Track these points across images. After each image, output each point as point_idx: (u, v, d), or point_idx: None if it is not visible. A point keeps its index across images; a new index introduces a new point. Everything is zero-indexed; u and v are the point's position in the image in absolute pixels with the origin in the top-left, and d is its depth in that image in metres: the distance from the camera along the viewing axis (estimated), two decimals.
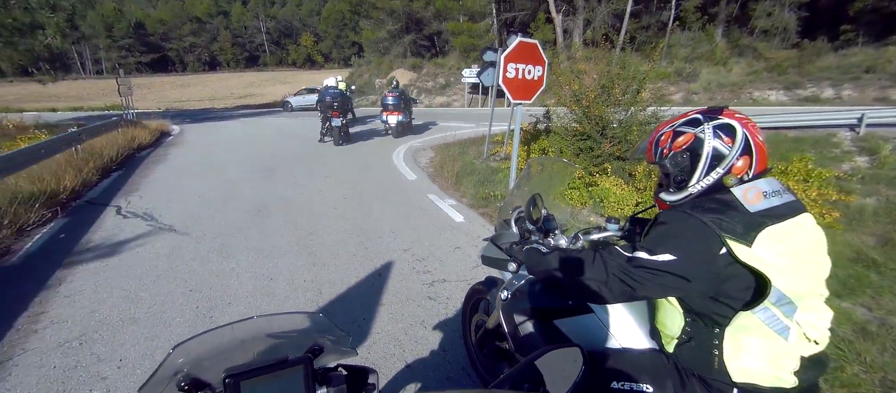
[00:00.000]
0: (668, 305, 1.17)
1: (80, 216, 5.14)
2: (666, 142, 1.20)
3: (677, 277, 1.02)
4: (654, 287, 1.06)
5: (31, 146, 6.67)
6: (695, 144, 1.14)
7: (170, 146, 10.64)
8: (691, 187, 1.16)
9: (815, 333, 1.03)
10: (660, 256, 1.04)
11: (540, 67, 5.63)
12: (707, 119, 1.15)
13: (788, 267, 0.99)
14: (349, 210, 5.26)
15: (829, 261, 1.07)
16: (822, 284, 1.05)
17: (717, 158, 1.11)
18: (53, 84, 14.70)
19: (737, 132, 1.10)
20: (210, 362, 0.83)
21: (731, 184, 1.09)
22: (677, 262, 1.02)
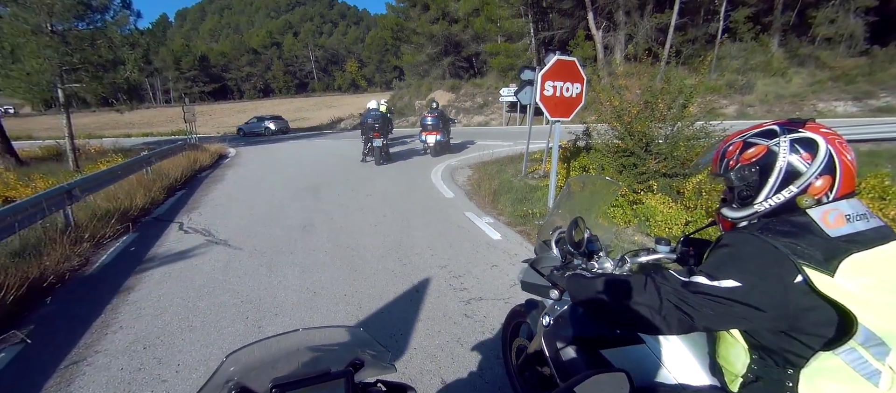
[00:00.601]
0: (731, 339, 1.04)
1: (148, 231, 5.63)
2: (733, 153, 1.10)
3: (743, 306, 0.91)
4: (715, 317, 0.94)
5: (109, 168, 7.44)
6: (766, 158, 1.03)
7: (227, 167, 11.45)
8: (757, 204, 1.05)
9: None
10: (722, 281, 0.93)
11: (578, 85, 5.58)
12: (784, 131, 1.03)
13: (879, 301, 0.85)
14: (388, 227, 5.39)
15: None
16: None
17: (792, 175, 0.99)
18: (129, 112, 16.34)
19: (819, 148, 0.97)
20: (257, 372, 0.87)
21: (806, 205, 0.97)
22: (742, 289, 0.91)
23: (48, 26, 11.81)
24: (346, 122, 30.97)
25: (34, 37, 11.17)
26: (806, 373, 0.92)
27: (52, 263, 4.06)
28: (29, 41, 11.20)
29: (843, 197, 0.98)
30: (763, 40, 22.73)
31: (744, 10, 22.13)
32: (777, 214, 1.03)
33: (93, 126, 34.98)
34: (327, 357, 0.93)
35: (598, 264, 1.59)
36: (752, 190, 1.06)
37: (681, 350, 1.25)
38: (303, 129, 28.37)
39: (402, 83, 37.51)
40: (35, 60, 11.55)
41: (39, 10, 11.44)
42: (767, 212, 1.04)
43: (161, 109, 56.46)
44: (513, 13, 25.06)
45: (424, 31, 29.62)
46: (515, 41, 25.81)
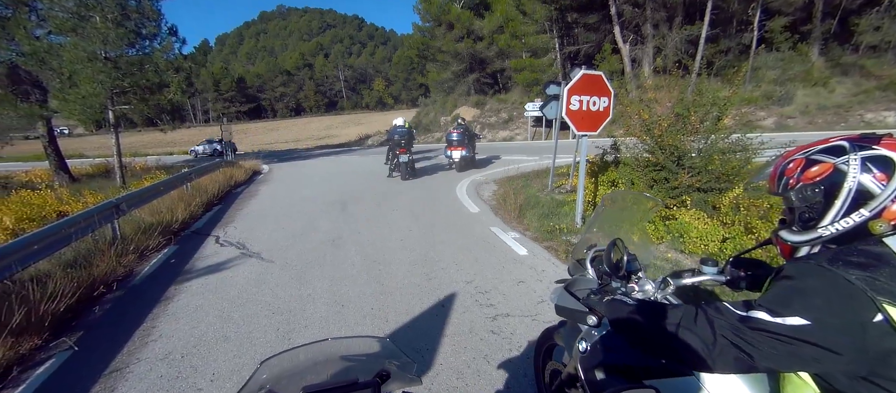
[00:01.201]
0: (799, 381, 0.92)
1: (188, 244, 5.90)
2: (794, 171, 1.00)
3: (813, 346, 0.81)
4: (779, 358, 0.84)
5: (153, 184, 7.88)
6: (833, 177, 0.93)
7: (260, 183, 11.90)
8: (821, 229, 0.95)
9: None
10: (788, 318, 0.83)
11: (606, 98, 5.52)
12: (855, 148, 0.93)
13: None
14: (414, 242, 5.43)
15: None
16: None
17: (864, 197, 0.90)
18: (171, 132, 17.34)
19: (878, 169, 0.89)
20: (288, 380, 0.89)
21: (880, 231, 0.87)
22: (811, 328, 0.81)
23: (103, 53, 12.77)
24: (373, 138, 31.65)
25: (90, 63, 12.09)
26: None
27: (100, 274, 4.31)
28: (85, 67, 12.13)
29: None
30: (802, 49, 21.80)
31: (780, 19, 21.37)
32: (845, 241, 0.93)
33: (138, 144, 37.27)
34: (355, 367, 0.96)
35: (637, 287, 1.50)
36: (816, 213, 0.97)
37: (738, 388, 1.12)
38: (332, 146, 29.19)
39: (427, 100, 38.13)
40: (90, 85, 12.47)
41: (95, 39, 12.39)
42: (833, 238, 0.95)
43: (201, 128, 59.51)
44: (537, 29, 25.16)
45: (449, 49, 30.13)
46: (540, 56, 25.84)
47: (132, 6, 12.96)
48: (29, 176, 17.21)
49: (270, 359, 0.92)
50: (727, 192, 6.46)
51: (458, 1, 31.18)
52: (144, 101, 14.16)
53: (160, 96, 14.30)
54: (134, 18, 13.60)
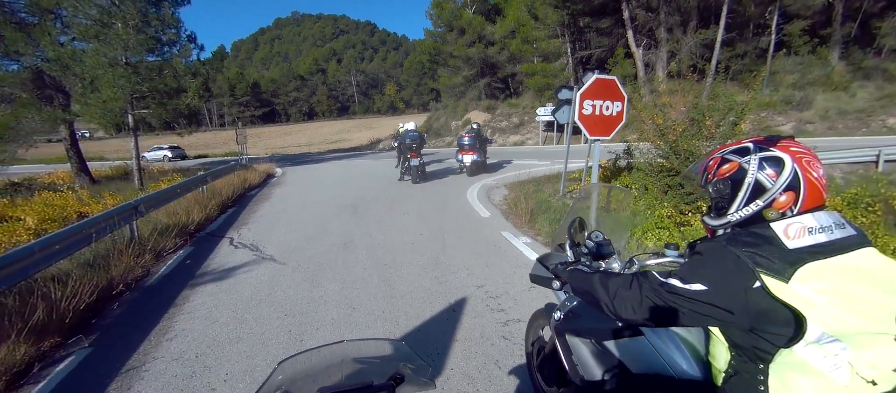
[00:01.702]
0: (715, 338, 1.16)
1: (203, 245, 5.99)
2: (713, 167, 1.20)
3: (710, 306, 1.03)
4: (688, 315, 1.07)
5: (170, 186, 8.04)
6: (738, 174, 1.13)
7: (274, 186, 12.06)
8: (730, 215, 1.15)
9: (874, 374, 0.93)
10: (692, 284, 1.05)
11: (619, 103, 5.47)
12: (757, 149, 1.12)
13: (833, 304, 0.94)
14: (425, 245, 5.43)
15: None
16: (881, 320, 0.94)
17: (759, 191, 1.09)
18: (188, 135, 17.70)
19: (785, 166, 1.07)
20: (303, 381, 0.91)
21: (771, 217, 1.07)
22: (708, 292, 1.03)
23: (123, 59, 13.13)
24: (384, 142, 31.85)
25: (111, 68, 12.43)
26: (774, 367, 1.01)
27: (118, 274, 4.41)
28: (107, 72, 12.47)
29: (808, 211, 1.05)
30: (821, 53, 21.34)
31: (799, 23, 20.96)
32: (746, 225, 1.11)
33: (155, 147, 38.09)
34: (370, 369, 0.96)
35: (605, 265, 1.69)
36: (726, 202, 1.16)
37: (677, 345, 1.34)
38: (343, 150, 29.45)
39: (438, 105, 38.27)
40: (111, 89, 12.81)
41: (117, 45, 12.74)
42: (739, 222, 1.14)
43: (216, 132, 60.66)
44: (549, 34, 25.11)
45: (461, 54, 30.23)
46: (552, 61, 25.76)
47: (153, 13, 13.29)
48: (51, 178, 17.73)
49: (287, 360, 0.94)
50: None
51: (470, 6, 31.30)
52: (163, 106, 14.48)
53: (178, 101, 14.60)
54: (154, 25, 13.95)
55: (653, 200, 6.78)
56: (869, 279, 0.97)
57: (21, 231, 7.62)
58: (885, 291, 0.96)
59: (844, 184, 9.16)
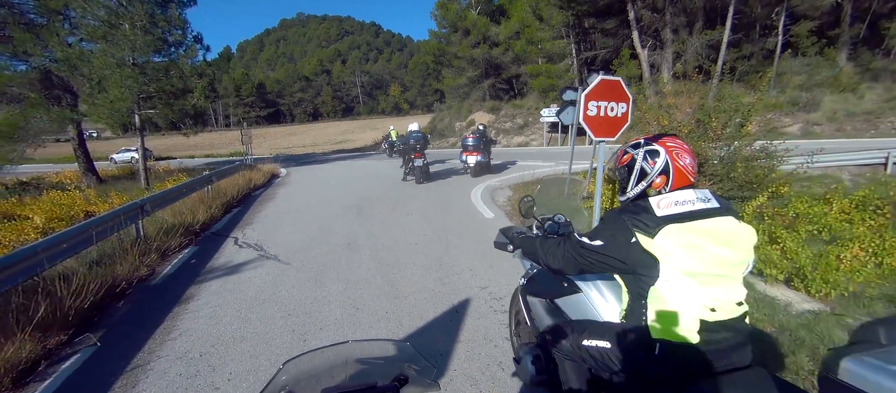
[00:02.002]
0: (621, 287, 1.50)
1: (208, 245, 6.02)
2: (619, 157, 1.59)
3: (607, 256, 1.40)
4: (595, 264, 1.44)
5: (176, 186, 8.09)
6: (631, 163, 1.52)
7: (278, 186, 12.11)
8: (628, 193, 1.54)
9: (715, 304, 1.31)
10: (595, 241, 1.42)
11: (624, 104, 5.43)
12: (644, 144, 1.50)
13: (686, 254, 1.29)
14: (428, 246, 5.42)
15: (744, 251, 1.38)
16: (725, 267, 1.34)
17: (643, 175, 1.49)
18: (193, 136, 17.81)
19: (660, 157, 1.44)
20: (307, 381, 0.90)
21: (651, 194, 1.44)
22: (604, 246, 1.40)
23: (131, 60, 13.24)
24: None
25: (118, 69, 12.54)
26: (649, 301, 1.36)
27: (123, 272, 4.44)
28: (114, 73, 12.58)
29: (677, 189, 1.42)
30: (829, 54, 21.13)
31: (807, 24, 20.76)
32: (638, 199, 1.46)
33: (161, 148, 38.35)
34: (374, 370, 0.96)
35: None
36: (625, 183, 1.56)
37: (603, 297, 1.78)
38: (348, 151, 29.53)
39: (442, 105, 38.29)
40: (118, 90, 12.91)
41: (124, 46, 12.86)
42: (633, 198, 1.52)
43: (222, 133, 61.02)
44: (554, 35, 25.04)
45: (465, 54, 30.23)
46: (556, 62, 25.69)
47: (160, 14, 13.39)
48: (59, 177, 17.90)
49: (292, 360, 0.94)
50: (750, 200, 6.28)
51: (475, 7, 31.31)
52: (169, 106, 14.58)
53: (184, 101, 14.70)
54: (161, 26, 14.05)
55: None
56: (717, 238, 1.32)
57: (29, 230, 7.70)
58: (729, 247, 1.33)
59: (852, 186, 9.06)
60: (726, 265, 1.33)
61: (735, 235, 1.36)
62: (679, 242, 1.29)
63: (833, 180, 8.74)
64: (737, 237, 1.36)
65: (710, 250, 1.30)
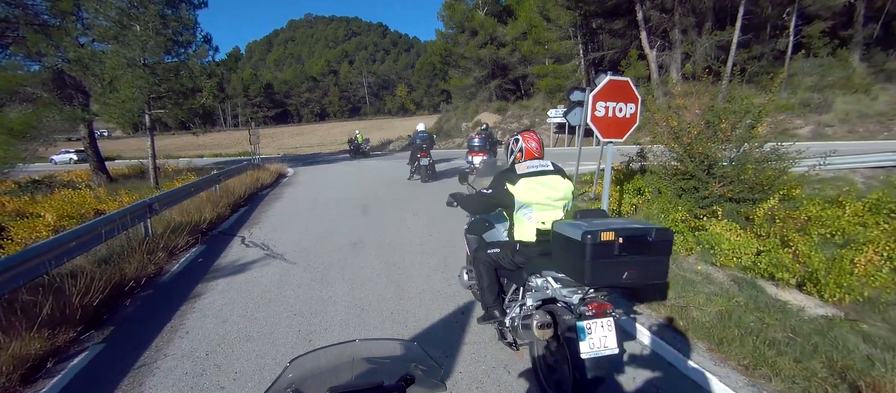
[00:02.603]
0: (505, 217, 2.71)
1: (215, 244, 6.05)
2: (506, 143, 2.87)
3: (494, 198, 2.61)
4: (488, 204, 2.73)
5: (184, 185, 8.15)
6: (511, 145, 2.80)
7: (285, 186, 12.17)
8: (508, 161, 2.79)
9: (543, 223, 2.49)
10: (489, 190, 2.65)
11: (633, 105, 5.37)
12: (516, 135, 2.79)
13: (528, 193, 2.44)
14: (434, 246, 5.40)
15: (563, 193, 2.52)
16: (551, 201, 2.49)
17: (512, 152, 2.76)
18: (202, 135, 17.98)
19: (520, 142, 2.71)
20: (314, 380, 0.90)
21: (518, 162, 2.64)
22: (492, 194, 2.61)
23: (142, 60, 13.40)
24: (394, 143, 31.97)
25: (129, 69, 12.69)
26: (514, 222, 2.58)
27: (132, 271, 4.47)
28: (125, 73, 12.73)
29: (528, 160, 2.60)
30: (842, 55, 20.79)
31: (819, 24, 20.46)
32: (512, 165, 2.65)
33: (172, 147, 38.75)
34: (381, 370, 0.96)
35: None
36: (506, 157, 2.85)
37: (500, 227, 2.98)
38: None
39: (448, 106, 38.27)
40: (129, 90, 13.06)
41: (135, 46, 13.01)
42: (511, 165, 2.68)
43: (230, 132, 61.50)
44: (561, 35, 24.93)
45: (472, 55, 30.20)
46: (564, 63, 25.57)
47: (170, 15, 13.53)
48: (71, 176, 18.14)
49: (298, 358, 0.93)
50: (761, 202, 6.18)
51: (482, 7, 31.27)
52: (179, 106, 14.72)
53: (194, 101, 14.83)
54: (172, 26, 14.19)
55: (666, 203, 6.67)
56: (546, 185, 2.45)
57: (40, 227, 7.81)
58: (553, 191, 2.46)
59: (866, 188, 8.90)
60: (552, 200, 2.51)
61: (558, 184, 2.53)
62: (526, 187, 2.47)
63: (845, 183, 8.58)
64: (559, 185, 2.53)
65: (542, 192, 2.48)
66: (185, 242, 5.79)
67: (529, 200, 2.45)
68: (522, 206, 2.48)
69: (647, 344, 3.06)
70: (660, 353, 2.94)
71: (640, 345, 3.06)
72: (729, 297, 3.84)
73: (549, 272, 2.31)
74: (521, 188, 2.43)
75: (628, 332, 3.21)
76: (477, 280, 2.82)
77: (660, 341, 3.05)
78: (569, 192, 2.51)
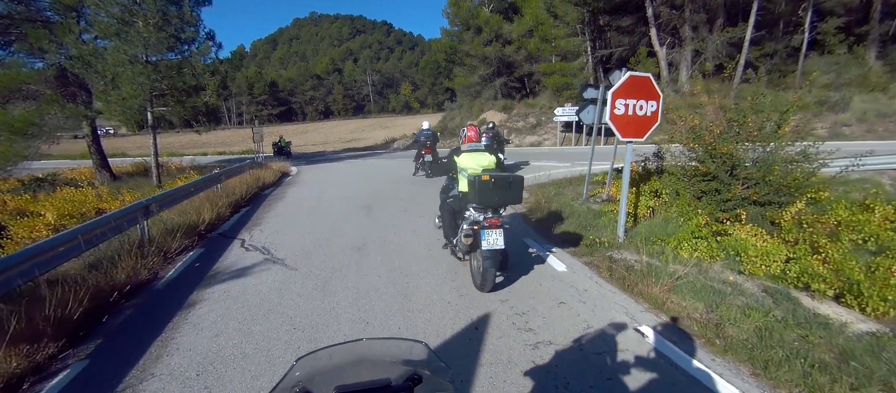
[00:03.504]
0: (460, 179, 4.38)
1: (214, 247, 5.81)
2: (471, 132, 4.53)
3: (448, 163, 4.57)
4: (448, 166, 4.65)
5: (185, 185, 7.92)
6: (461, 135, 4.56)
7: (288, 185, 11.93)
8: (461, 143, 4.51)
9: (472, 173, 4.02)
10: (446, 159, 4.78)
11: (654, 102, 5.06)
12: (463, 128, 4.60)
13: (465, 161, 4.19)
14: (444, 252, 5.12)
15: (488, 161, 4.18)
16: (479, 167, 4.10)
17: (462, 137, 4.51)
18: (206, 133, 17.79)
19: (465, 132, 4.52)
20: (321, 379, 0.90)
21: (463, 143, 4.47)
22: (448, 161, 4.56)
23: (144, 57, 13.21)
24: (399, 142, 31.70)
25: (131, 66, 12.49)
26: (458, 180, 4.43)
27: (122, 277, 4.22)
28: (127, 70, 12.54)
29: (468, 142, 4.42)
30: (858, 52, 20.24)
31: (834, 21, 19.92)
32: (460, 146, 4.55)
33: (176, 145, 38.74)
34: (388, 370, 0.94)
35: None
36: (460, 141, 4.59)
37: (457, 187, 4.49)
38: (358, 149, 29.40)
39: (453, 104, 37.88)
40: (130, 87, 12.88)
41: (137, 43, 12.81)
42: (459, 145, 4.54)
43: (235, 130, 61.46)
44: (569, 32, 24.50)
45: (477, 52, 29.81)
46: (571, 60, 25.13)
47: (173, 11, 13.32)
48: (74, 173, 18.03)
49: (305, 357, 0.94)
50: (788, 206, 5.85)
51: (488, 4, 30.87)
52: (181, 104, 14.52)
53: (197, 99, 14.63)
54: (174, 23, 14.00)
55: (685, 206, 6.34)
56: (476, 157, 4.18)
57: (40, 226, 7.61)
58: (481, 160, 4.16)
59: (894, 191, 8.52)
60: (479, 166, 4.08)
61: (483, 158, 4.15)
62: (465, 158, 4.15)
63: (872, 184, 8.20)
64: (484, 158, 4.14)
65: (473, 161, 4.11)
66: (181, 245, 5.54)
67: (466, 165, 4.13)
68: (462, 169, 4.19)
69: (682, 368, 2.76)
70: (699, 378, 2.63)
71: (675, 368, 2.76)
72: (764, 310, 3.53)
73: (471, 204, 3.97)
74: (462, 159, 4.19)
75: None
76: (442, 221, 4.71)
77: (698, 365, 2.75)
78: (490, 162, 4.15)
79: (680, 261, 4.67)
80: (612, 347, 2.95)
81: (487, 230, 3.65)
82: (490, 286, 3.81)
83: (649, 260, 4.58)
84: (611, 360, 2.80)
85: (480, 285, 3.83)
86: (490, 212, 3.84)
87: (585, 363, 2.74)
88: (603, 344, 2.98)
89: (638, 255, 4.89)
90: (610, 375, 2.63)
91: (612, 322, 3.30)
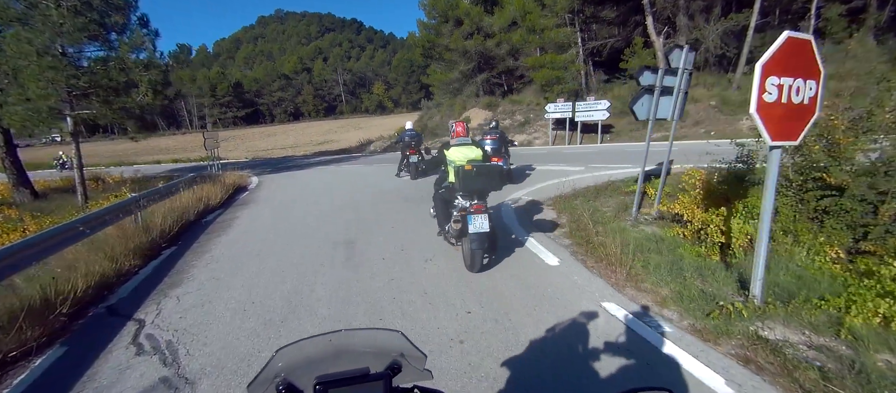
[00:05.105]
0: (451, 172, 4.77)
1: (83, 341, 3.45)
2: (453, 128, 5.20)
3: (439, 156, 5.15)
4: (438, 159, 5.21)
5: (70, 222, 5.45)
6: (450, 130, 5.19)
7: (240, 207, 9.47)
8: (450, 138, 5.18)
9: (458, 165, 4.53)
10: (437, 153, 5.32)
11: (813, 82, 3.12)
12: (453, 123, 5.29)
13: (454, 154, 4.75)
14: (478, 337, 3.01)
15: (474, 154, 4.74)
16: (466, 159, 4.63)
17: (452, 133, 5.14)
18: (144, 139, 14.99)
19: (454, 127, 5.12)
20: (302, 370, 0.89)
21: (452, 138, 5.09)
22: (439, 154, 5.15)
23: (58, 48, 10.48)
24: (375, 143, 29.27)
25: (38, 59, 9.78)
26: (449, 171, 4.89)
27: None
28: (32, 64, 9.83)
29: (457, 137, 5.00)
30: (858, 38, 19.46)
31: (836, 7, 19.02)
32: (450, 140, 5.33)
33: (129, 151, 34.92)
34: (367, 359, 0.92)
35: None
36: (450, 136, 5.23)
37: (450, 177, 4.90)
38: (331, 152, 26.75)
39: (430, 103, 35.64)
40: (37, 85, 10.14)
41: (45, 29, 10.09)
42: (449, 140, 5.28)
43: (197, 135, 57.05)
44: (558, 22, 22.80)
45: (457, 47, 27.76)
46: (560, 52, 23.45)
47: None
48: None
49: (285, 348, 0.91)
50: None
51: None
52: (108, 104, 11.81)
53: (126, 98, 11.94)
54: (97, 6, 11.31)
55: (802, 228, 4.48)
56: (464, 151, 4.78)
57: None
58: (468, 153, 4.75)
59: None
60: (466, 158, 4.63)
61: (470, 151, 4.78)
62: (454, 152, 4.78)
63: None
64: (471, 152, 4.77)
65: (461, 154, 4.72)
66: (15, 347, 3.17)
67: (454, 158, 4.67)
68: (451, 162, 4.67)
69: None
70: None
71: None
72: None
73: (459, 193, 4.45)
74: (451, 152, 4.77)
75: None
76: (436, 211, 5.09)
77: None
78: (477, 154, 4.72)
79: (871, 339, 2.74)
80: None
81: (474, 215, 4.13)
82: (478, 267, 4.29)
83: (831, 344, 2.68)
84: None
85: (470, 266, 4.28)
86: (475, 198, 4.30)
87: None
88: None
89: (800, 332, 2.98)
90: None
91: None
